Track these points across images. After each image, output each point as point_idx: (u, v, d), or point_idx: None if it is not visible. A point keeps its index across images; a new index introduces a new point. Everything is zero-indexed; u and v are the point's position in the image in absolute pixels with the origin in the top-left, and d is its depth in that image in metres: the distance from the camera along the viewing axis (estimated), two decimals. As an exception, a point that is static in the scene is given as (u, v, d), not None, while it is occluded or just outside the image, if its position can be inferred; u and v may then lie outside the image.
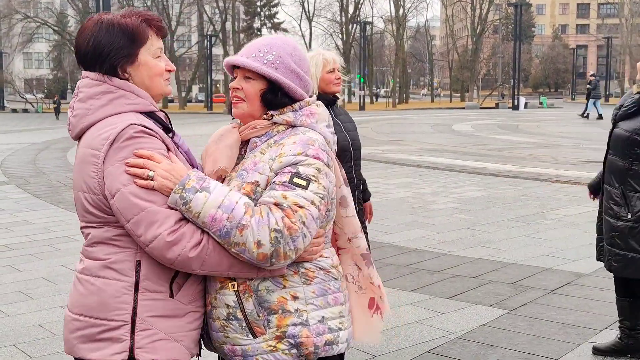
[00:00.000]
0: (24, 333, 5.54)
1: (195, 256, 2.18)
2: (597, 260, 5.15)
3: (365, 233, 4.64)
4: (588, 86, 38.61)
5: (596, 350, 5.02)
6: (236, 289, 2.32)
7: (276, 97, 2.41)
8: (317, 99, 2.59)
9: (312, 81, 2.57)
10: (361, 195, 4.94)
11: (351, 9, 73.84)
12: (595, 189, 5.22)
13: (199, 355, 2.47)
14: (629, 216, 4.61)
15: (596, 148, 20.32)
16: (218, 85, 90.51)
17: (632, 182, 4.61)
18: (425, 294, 6.45)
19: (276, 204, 2.22)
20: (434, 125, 33.32)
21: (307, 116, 2.44)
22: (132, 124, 2.20)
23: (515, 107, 51.57)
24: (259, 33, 76.66)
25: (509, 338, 5.31)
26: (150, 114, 2.34)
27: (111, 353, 2.22)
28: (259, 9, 76.97)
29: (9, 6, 66.69)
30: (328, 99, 4.51)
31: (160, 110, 2.42)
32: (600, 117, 35.45)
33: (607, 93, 72.79)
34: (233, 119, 2.58)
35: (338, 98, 4.73)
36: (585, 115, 36.90)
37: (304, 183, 2.26)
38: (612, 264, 4.80)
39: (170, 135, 2.39)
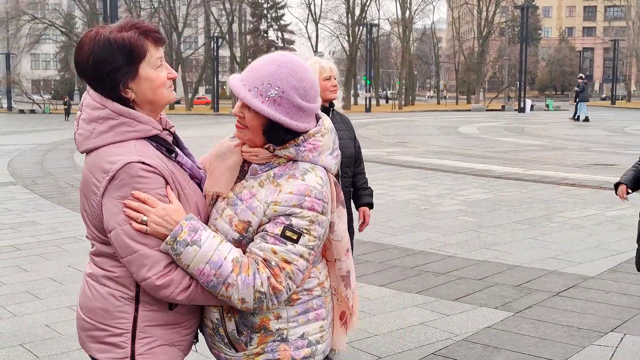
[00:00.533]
0: (31, 333, 5.57)
1: (184, 298, 2.25)
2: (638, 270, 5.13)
3: (351, 233, 4.72)
4: (576, 89, 39.19)
5: None
6: (220, 308, 2.39)
7: (277, 134, 2.33)
8: None
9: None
10: (350, 200, 5.11)
11: (357, 11, 73.82)
12: (633, 183, 5.22)
13: (196, 340, 2.56)
14: None
15: (602, 151, 20.32)
16: (224, 86, 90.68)
17: None
18: (431, 296, 6.46)
19: (265, 259, 2.24)
20: (440, 127, 33.31)
21: (310, 150, 2.37)
22: (130, 162, 2.20)
23: (521, 110, 51.53)
24: (265, 35, 76.88)
25: (514, 340, 5.32)
26: (153, 137, 2.34)
27: (115, 357, 2.32)
28: (265, 11, 77.17)
29: (17, 8, 66.94)
30: (324, 107, 4.62)
31: (165, 129, 2.42)
32: (586, 119, 36.08)
33: (614, 95, 72.64)
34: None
35: (334, 105, 4.86)
36: (576, 118, 37.31)
37: (295, 237, 2.26)
38: None
39: (174, 155, 2.39)
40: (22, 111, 59.87)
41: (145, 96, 2.32)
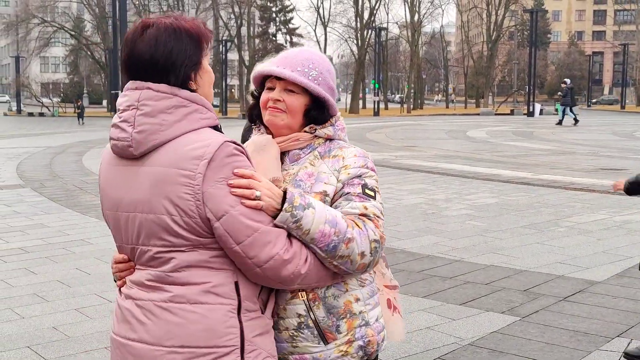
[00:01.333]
0: (38, 335, 5.60)
1: (306, 270, 2.17)
2: None
3: None
4: (559, 93, 39.85)
5: (629, 356, 5.09)
6: (305, 297, 2.33)
7: (322, 113, 2.44)
8: None
9: None
10: None
11: (366, 15, 73.87)
12: (633, 184, 5.27)
13: None
14: None
15: (611, 155, 20.27)
16: (233, 90, 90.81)
17: None
18: (437, 300, 6.46)
19: (363, 215, 2.30)
20: (448, 131, 33.29)
21: (342, 130, 2.52)
22: (225, 141, 2.11)
23: (530, 114, 51.44)
24: (274, 38, 76.93)
25: (520, 345, 5.31)
26: (215, 128, 2.25)
27: None
28: (274, 15, 77.20)
29: (27, 11, 67.31)
30: None
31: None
32: (559, 123, 37.22)
33: (623, 99, 72.43)
34: (254, 124, 2.58)
35: None
36: (559, 122, 38.37)
37: (372, 194, 2.36)
38: None
39: None
40: (31, 114, 60.09)
41: (204, 89, 2.25)
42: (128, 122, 2.14)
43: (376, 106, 58.87)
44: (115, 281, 2.35)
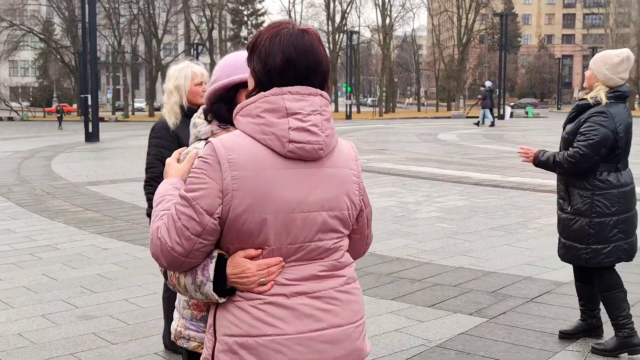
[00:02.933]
0: (3, 342, 5.52)
1: None
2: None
3: None
4: (479, 96, 41.53)
5: (564, 334, 5.48)
6: None
7: None
8: (186, 111, 2.86)
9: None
10: None
11: (338, 19, 74.11)
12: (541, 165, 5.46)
13: None
14: (569, 209, 5.20)
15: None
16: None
17: (572, 179, 5.20)
18: (406, 303, 6.48)
19: None
20: (419, 134, 33.43)
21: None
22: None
23: (500, 117, 51.75)
24: (245, 42, 76.73)
25: (487, 346, 5.34)
26: None
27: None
28: (246, 18, 77.14)
29: (-5, 14, 66.44)
30: (194, 111, 4.70)
31: None
32: (492, 124, 39.68)
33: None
34: (224, 126, 2.68)
35: None
36: (477, 123, 40.55)
37: None
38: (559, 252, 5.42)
39: None
40: None
41: None
42: (318, 127, 2.26)
43: (348, 109, 58.95)
44: (233, 287, 2.27)
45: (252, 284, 2.21)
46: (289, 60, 2.23)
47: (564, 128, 5.33)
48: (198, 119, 2.61)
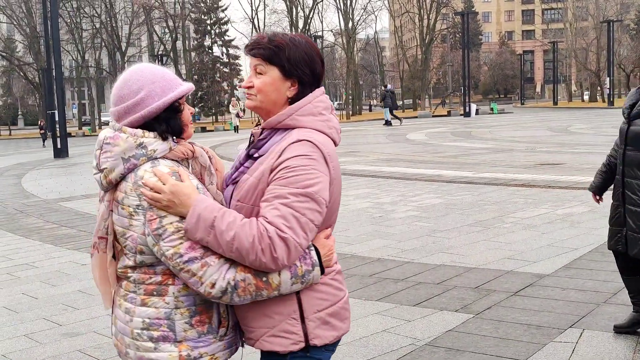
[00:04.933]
0: (-12, 364, 5.44)
1: None
2: (614, 249, 5.41)
3: None
4: (379, 97, 43.06)
5: (619, 329, 5.41)
6: None
7: None
8: None
9: None
10: None
11: (301, 24, 74.10)
12: (601, 190, 5.61)
13: None
14: None
15: (548, 151, 20.70)
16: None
17: None
18: (391, 303, 6.49)
19: None
20: (388, 135, 33.53)
21: None
22: None
23: (466, 114, 52.15)
24: (210, 51, 76.55)
25: (476, 342, 5.37)
26: None
27: None
28: (209, 27, 76.85)
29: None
30: None
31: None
32: (388, 123, 41.56)
33: (555, 96, 74.12)
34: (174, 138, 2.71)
35: None
36: (385, 123, 42.10)
37: None
38: None
39: None
40: (-37, 138, 58.56)
41: None
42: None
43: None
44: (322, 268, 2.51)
45: (333, 260, 2.54)
46: (324, 66, 2.64)
47: (629, 122, 5.12)
48: (145, 138, 2.43)
